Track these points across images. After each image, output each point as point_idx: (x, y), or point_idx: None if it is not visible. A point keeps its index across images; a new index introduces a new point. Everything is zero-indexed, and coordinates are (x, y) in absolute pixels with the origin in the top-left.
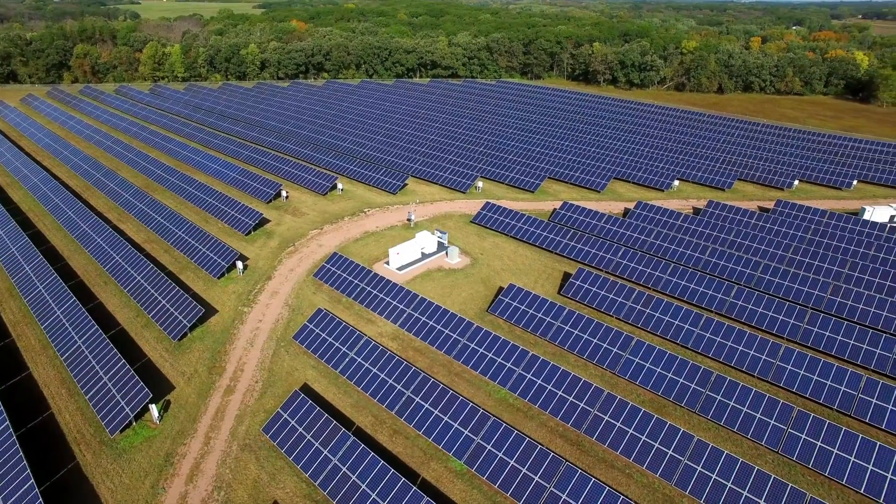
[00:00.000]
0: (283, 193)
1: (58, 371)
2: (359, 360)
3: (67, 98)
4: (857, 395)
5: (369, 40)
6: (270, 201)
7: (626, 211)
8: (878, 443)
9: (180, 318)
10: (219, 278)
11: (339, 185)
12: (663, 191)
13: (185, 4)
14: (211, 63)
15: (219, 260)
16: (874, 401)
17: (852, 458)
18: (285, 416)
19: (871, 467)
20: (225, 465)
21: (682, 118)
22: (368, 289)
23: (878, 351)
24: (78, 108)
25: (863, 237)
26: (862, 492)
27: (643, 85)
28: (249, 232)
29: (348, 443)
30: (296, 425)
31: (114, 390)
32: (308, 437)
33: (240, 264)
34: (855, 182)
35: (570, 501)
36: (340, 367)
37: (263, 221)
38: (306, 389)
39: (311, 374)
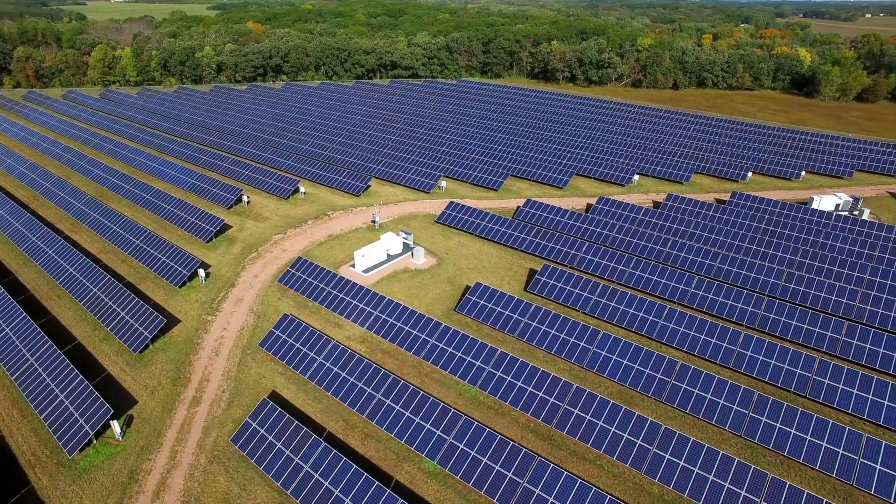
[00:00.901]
0: (245, 198)
1: (8, 391)
2: (327, 364)
3: (9, 104)
4: (812, 377)
5: (328, 41)
6: (231, 207)
7: (589, 206)
8: (831, 421)
9: (141, 329)
10: (180, 287)
11: (302, 189)
12: (624, 185)
13: (134, 6)
14: (165, 66)
15: (180, 268)
16: (827, 381)
17: (808, 438)
18: (254, 425)
19: (824, 444)
20: (193, 478)
21: (639, 114)
22: (335, 292)
23: (828, 334)
24: (22, 115)
25: (812, 225)
26: (817, 468)
27: (601, 82)
28: (211, 239)
29: (320, 449)
30: (265, 434)
31: (71, 408)
32: (278, 445)
33: (202, 272)
34: (803, 173)
35: (544, 496)
36: (309, 372)
37: (225, 227)
38: (275, 397)
39: (280, 381)
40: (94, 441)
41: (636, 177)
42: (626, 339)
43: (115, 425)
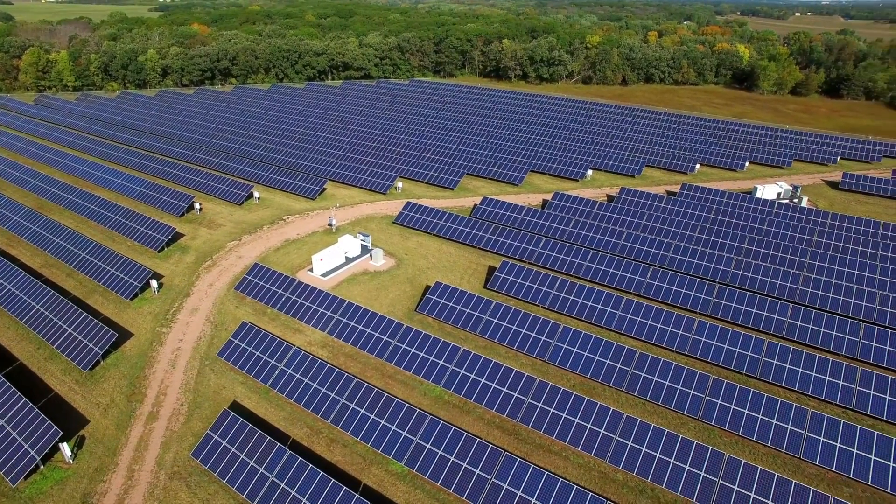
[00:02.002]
0: (197, 205)
1: None
2: (289, 371)
3: None
4: (762, 359)
5: (277, 43)
6: (183, 215)
7: (545, 202)
8: (780, 399)
9: (90, 345)
10: (132, 299)
11: (256, 194)
12: (578, 181)
13: (67, 7)
14: (105, 70)
15: (130, 280)
16: (775, 362)
17: (760, 416)
18: (215, 437)
19: (774, 422)
20: (153, 497)
21: (591, 110)
22: (293, 298)
23: (775, 317)
24: None
25: (757, 214)
26: (769, 444)
27: (552, 79)
28: (162, 248)
29: (285, 457)
30: (227, 445)
31: (13, 433)
32: (242, 456)
33: (154, 283)
34: (747, 164)
35: (513, 490)
36: (270, 380)
37: (177, 236)
38: (236, 407)
39: (240, 390)
40: (42, 466)
41: (590, 172)
42: (585, 332)
43: (65, 448)
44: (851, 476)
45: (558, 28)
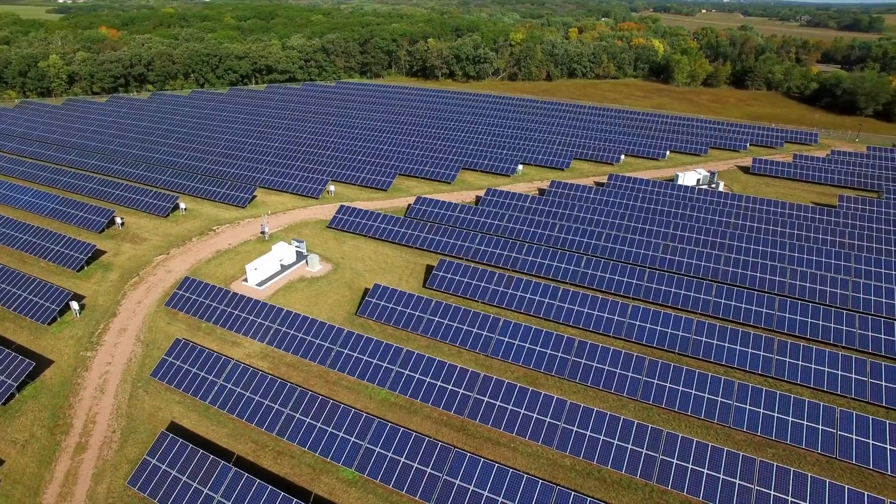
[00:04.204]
0: (118, 220)
1: None
2: (229, 386)
3: None
4: (692, 337)
5: (196, 47)
6: (103, 230)
7: (478, 199)
8: (710, 374)
9: (2, 378)
10: (49, 324)
11: (182, 205)
12: (509, 176)
13: None
14: (0, 78)
15: (46, 303)
16: (704, 339)
17: (693, 392)
18: (154, 462)
19: (706, 395)
20: None
21: (518, 106)
22: (229, 310)
23: (701, 296)
24: None
25: (679, 200)
26: (702, 417)
27: (479, 77)
28: (82, 267)
29: (230, 475)
30: (167, 469)
31: None
32: (183, 478)
33: (75, 304)
34: (668, 153)
35: (464, 485)
36: (210, 397)
37: (98, 253)
38: (174, 428)
39: (178, 410)
40: None
41: (520, 167)
42: (526, 324)
43: None
44: (774, 438)
45: (482, 26)
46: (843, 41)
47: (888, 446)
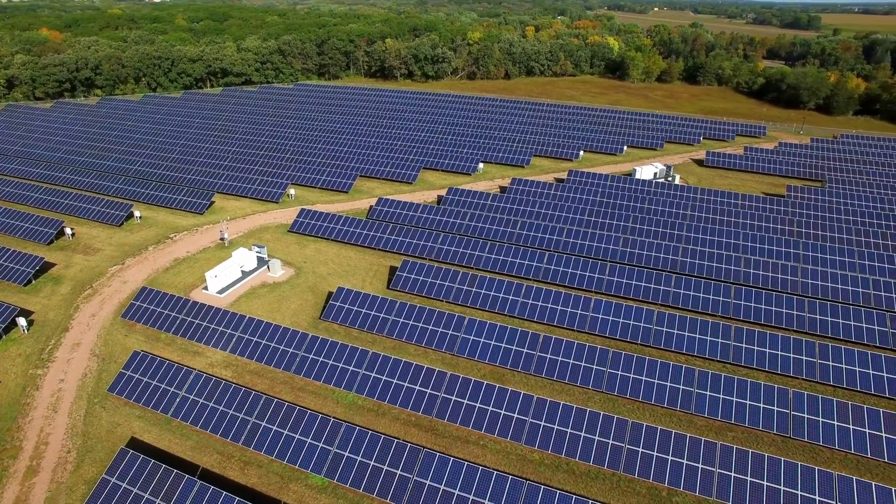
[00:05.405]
0: (68, 231)
1: None
2: (191, 397)
3: None
4: (653, 328)
5: (146, 50)
6: (52, 242)
7: (440, 198)
8: (671, 363)
9: None
10: None
11: (137, 213)
12: (470, 174)
13: None
14: None
15: None
16: (665, 329)
17: (656, 381)
18: (113, 480)
19: (668, 384)
20: None
21: (477, 105)
22: (189, 319)
23: (661, 287)
24: None
25: (638, 193)
26: (665, 405)
27: (438, 77)
28: (29, 281)
29: (195, 489)
30: (128, 487)
31: None
32: (146, 495)
33: (22, 321)
34: (625, 148)
35: (435, 485)
36: (171, 409)
37: (47, 266)
38: (135, 444)
39: (138, 425)
40: None
41: (481, 165)
42: (491, 322)
43: None
44: (733, 422)
45: (440, 26)
46: (785, 38)
47: (835, 423)
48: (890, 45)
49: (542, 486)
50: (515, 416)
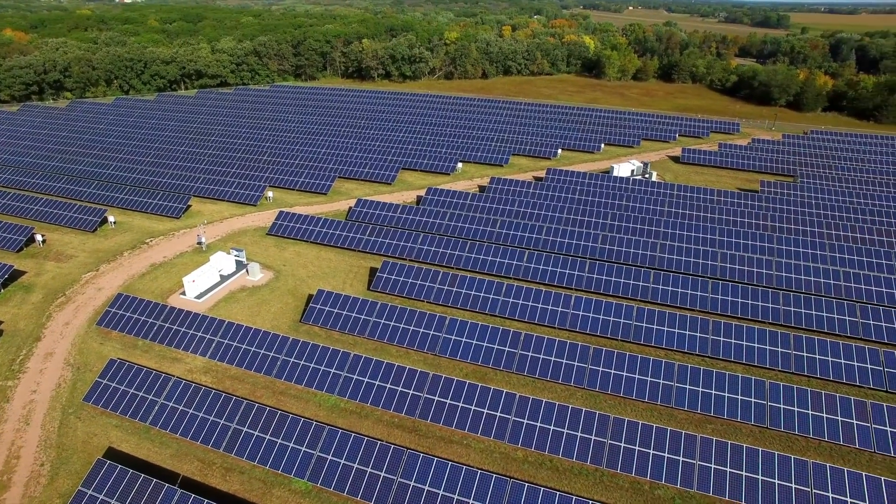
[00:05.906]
0: (39, 237)
1: None
2: (170, 404)
3: None
4: (633, 324)
5: (118, 51)
6: (21, 249)
7: (419, 198)
8: (651, 358)
9: None
10: None
11: (111, 218)
12: (449, 174)
13: None
14: None
15: None
16: (644, 325)
17: (636, 377)
18: (90, 492)
19: (649, 379)
20: None
21: (455, 104)
22: (167, 325)
23: (640, 283)
24: None
25: (616, 191)
26: (646, 401)
27: (415, 77)
28: None
29: (175, 497)
30: (105, 499)
31: None
32: None
33: None
34: (603, 145)
35: (419, 486)
36: (150, 417)
37: (16, 274)
38: (112, 454)
39: (116, 434)
40: None
41: (460, 165)
42: (472, 321)
43: None
44: (712, 414)
45: (416, 26)
46: (756, 37)
47: (809, 412)
48: (854, 44)
49: (527, 484)
50: (498, 414)
